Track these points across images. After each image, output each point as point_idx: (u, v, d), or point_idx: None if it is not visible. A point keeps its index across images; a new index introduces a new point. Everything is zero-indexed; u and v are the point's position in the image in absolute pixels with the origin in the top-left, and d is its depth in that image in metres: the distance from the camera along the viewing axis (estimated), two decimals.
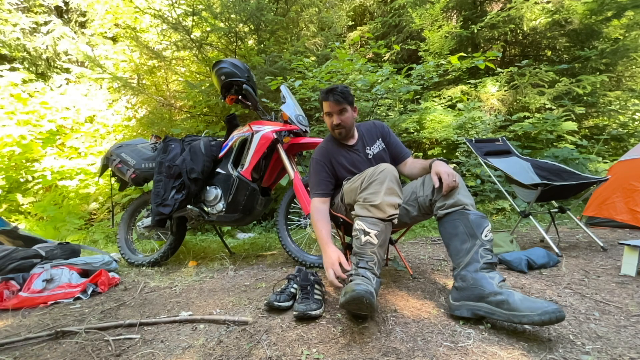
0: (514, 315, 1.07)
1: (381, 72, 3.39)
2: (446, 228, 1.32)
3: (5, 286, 1.71)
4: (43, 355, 1.15)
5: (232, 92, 2.26)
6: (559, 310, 1.01)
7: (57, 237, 3.60)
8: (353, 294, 1.10)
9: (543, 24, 4.89)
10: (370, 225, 1.26)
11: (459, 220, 1.28)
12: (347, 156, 1.62)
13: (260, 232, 3.61)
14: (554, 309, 1.01)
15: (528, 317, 1.04)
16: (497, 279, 1.17)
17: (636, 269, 1.62)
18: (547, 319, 1.01)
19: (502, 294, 1.11)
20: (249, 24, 4.26)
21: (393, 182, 1.30)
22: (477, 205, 3.64)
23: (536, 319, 1.02)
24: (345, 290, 1.15)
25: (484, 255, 1.21)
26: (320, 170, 1.60)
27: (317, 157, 1.62)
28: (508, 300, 1.09)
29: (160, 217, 2.19)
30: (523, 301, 1.08)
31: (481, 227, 1.25)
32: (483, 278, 1.17)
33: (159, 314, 1.46)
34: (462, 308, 1.20)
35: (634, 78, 5.06)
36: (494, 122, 4.17)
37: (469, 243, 1.24)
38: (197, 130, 4.37)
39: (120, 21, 5.89)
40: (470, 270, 1.21)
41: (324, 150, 1.63)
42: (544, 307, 1.02)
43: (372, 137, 1.68)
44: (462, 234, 1.26)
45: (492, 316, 1.13)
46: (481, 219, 1.27)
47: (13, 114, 4.53)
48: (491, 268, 1.21)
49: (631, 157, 2.62)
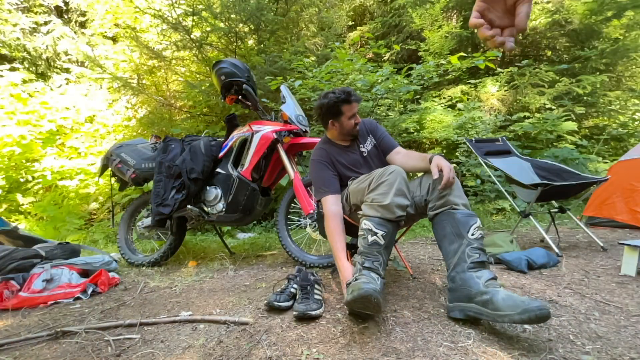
0: (497, 315, 1.05)
1: (381, 72, 3.39)
2: (437, 229, 1.33)
3: (5, 286, 1.70)
4: (43, 355, 1.15)
5: (232, 92, 2.26)
6: (542, 308, 0.96)
7: (57, 237, 3.60)
8: (361, 291, 1.08)
9: (543, 24, 4.89)
10: (377, 225, 1.26)
11: (446, 221, 1.29)
12: (345, 156, 1.63)
13: (260, 232, 3.61)
14: (536, 306, 0.97)
15: (509, 316, 1.01)
16: (485, 277, 1.15)
17: (636, 269, 1.62)
18: (527, 317, 0.97)
19: (488, 294, 1.09)
20: (249, 24, 4.25)
21: (402, 184, 1.30)
22: (477, 205, 3.64)
23: (516, 317, 0.99)
24: (352, 289, 1.12)
25: (470, 254, 1.20)
26: (324, 168, 1.59)
27: (318, 158, 1.62)
28: (492, 300, 1.07)
29: (160, 217, 2.19)
30: (505, 300, 1.04)
31: (467, 226, 1.24)
32: (470, 278, 1.16)
33: (159, 314, 1.46)
34: (455, 309, 1.21)
35: (634, 78, 5.06)
36: (494, 122, 4.17)
37: (456, 243, 1.24)
38: (197, 130, 4.37)
39: (120, 21, 5.89)
40: (459, 271, 1.20)
41: (323, 151, 1.63)
42: (525, 305, 0.98)
43: (363, 136, 1.70)
44: (449, 235, 1.26)
45: (481, 317, 1.11)
46: (468, 217, 1.26)
47: (13, 114, 4.54)
48: (480, 267, 1.18)
49: (631, 157, 2.62)
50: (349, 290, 1.15)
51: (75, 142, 4.98)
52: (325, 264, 2.03)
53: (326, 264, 2.03)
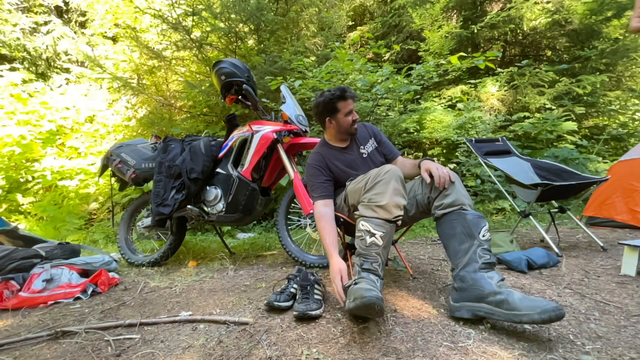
0: (514, 314, 1.07)
1: (381, 72, 3.39)
2: (444, 229, 1.32)
3: (5, 286, 1.71)
4: (43, 355, 1.15)
5: (232, 92, 2.26)
6: (559, 309, 1.01)
7: (57, 237, 3.60)
8: (364, 300, 1.07)
9: (543, 24, 4.88)
10: (375, 226, 1.25)
11: (456, 221, 1.28)
12: (341, 158, 1.65)
13: (260, 232, 3.61)
14: (553, 307, 1.01)
15: (528, 316, 1.03)
16: (496, 278, 1.17)
17: (636, 269, 1.62)
18: (547, 317, 1.01)
19: (502, 294, 1.11)
20: (249, 24, 4.25)
21: (398, 183, 1.29)
22: (477, 205, 3.64)
23: (536, 317, 1.02)
24: (353, 295, 1.12)
25: (482, 255, 1.21)
26: (318, 174, 1.60)
27: (313, 163, 1.63)
28: (508, 300, 1.09)
29: (160, 217, 2.19)
30: (523, 300, 1.07)
31: (479, 227, 1.24)
32: (482, 278, 1.17)
33: (159, 314, 1.46)
34: (462, 309, 1.20)
35: (634, 78, 5.06)
36: (494, 122, 4.17)
37: (467, 243, 1.24)
38: (197, 130, 4.37)
39: (120, 21, 5.89)
40: (469, 271, 1.20)
41: (318, 155, 1.65)
42: (544, 305, 1.03)
43: (364, 138, 1.71)
44: (460, 234, 1.26)
45: (492, 316, 1.12)
46: (479, 218, 1.27)
47: (13, 114, 4.54)
48: (490, 268, 1.20)
49: (631, 157, 2.62)
50: (350, 296, 1.14)
51: (75, 142, 4.98)
52: (325, 264, 2.03)
53: (326, 264, 2.03)
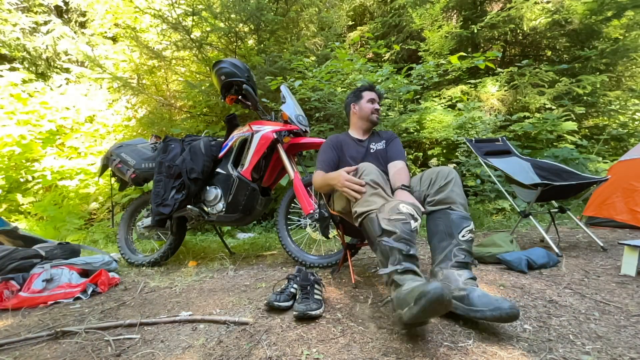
0: (471, 309, 1.12)
1: (381, 72, 3.40)
2: (429, 225, 1.38)
3: (5, 286, 1.70)
4: (43, 355, 1.15)
5: (232, 92, 2.26)
6: (513, 308, 1.04)
7: (57, 237, 3.60)
8: (430, 296, 0.94)
9: (543, 24, 4.88)
10: (416, 214, 1.21)
11: (440, 219, 1.33)
12: (352, 149, 1.74)
13: (260, 232, 3.61)
14: (508, 306, 1.05)
15: (482, 312, 1.09)
16: (465, 276, 1.21)
17: (636, 269, 1.62)
18: (499, 315, 1.05)
19: (465, 290, 1.16)
20: (249, 24, 4.25)
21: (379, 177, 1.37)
22: (477, 205, 3.64)
23: (488, 314, 1.07)
24: (414, 297, 0.98)
25: (457, 254, 1.25)
26: (328, 151, 1.72)
27: (329, 142, 1.76)
28: (468, 296, 1.15)
29: (160, 217, 2.19)
30: (481, 297, 1.12)
31: (460, 228, 1.28)
32: (451, 274, 1.23)
33: (159, 314, 1.46)
34: None
35: (634, 78, 5.06)
36: (494, 122, 4.17)
37: (445, 242, 1.28)
38: (197, 130, 4.37)
39: (120, 21, 5.89)
40: (442, 267, 1.26)
41: (337, 138, 1.78)
42: (498, 304, 1.07)
43: (380, 138, 1.81)
44: (441, 233, 1.31)
45: (456, 311, 1.17)
46: (462, 219, 1.30)
47: (13, 114, 4.54)
48: (462, 267, 1.24)
49: (631, 157, 2.62)
50: (403, 304, 1.01)
51: (75, 142, 4.98)
52: (325, 264, 2.03)
53: (326, 264, 2.03)
